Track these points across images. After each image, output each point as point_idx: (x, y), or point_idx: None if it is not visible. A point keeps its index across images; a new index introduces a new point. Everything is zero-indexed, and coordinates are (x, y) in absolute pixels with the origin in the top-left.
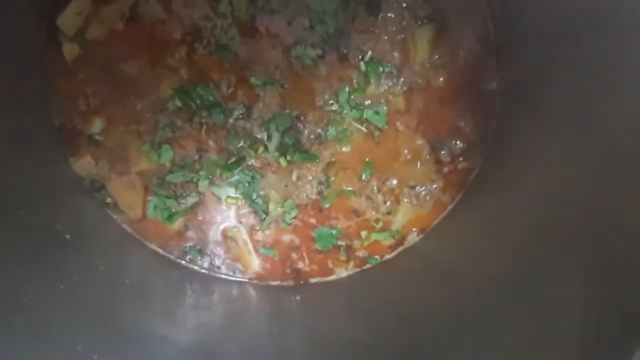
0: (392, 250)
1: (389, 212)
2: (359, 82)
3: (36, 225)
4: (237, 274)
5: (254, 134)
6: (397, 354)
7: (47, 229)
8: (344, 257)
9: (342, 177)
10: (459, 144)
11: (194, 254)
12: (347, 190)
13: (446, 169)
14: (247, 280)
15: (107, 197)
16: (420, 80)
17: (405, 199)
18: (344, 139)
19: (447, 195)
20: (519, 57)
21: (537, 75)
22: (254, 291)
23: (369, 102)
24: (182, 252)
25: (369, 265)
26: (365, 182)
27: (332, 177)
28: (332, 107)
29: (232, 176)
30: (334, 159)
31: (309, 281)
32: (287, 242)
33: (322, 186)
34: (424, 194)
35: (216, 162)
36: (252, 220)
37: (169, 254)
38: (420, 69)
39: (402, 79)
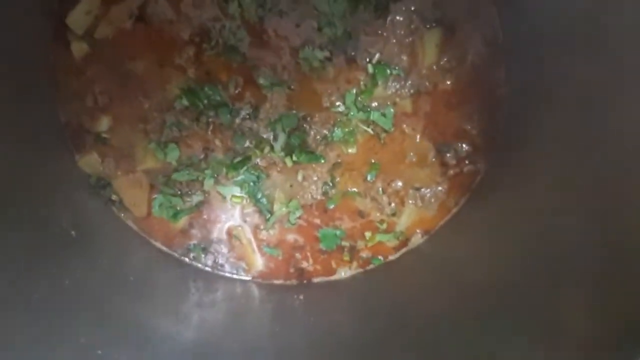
0: (396, 251)
1: (394, 214)
2: (366, 84)
3: (41, 221)
4: (241, 273)
5: (260, 134)
6: (399, 354)
7: (53, 226)
8: (348, 258)
9: (347, 178)
10: (465, 147)
11: (198, 252)
12: (352, 191)
13: (452, 172)
14: (250, 279)
15: (113, 194)
16: (427, 83)
17: (410, 201)
18: (350, 140)
19: (452, 197)
20: (527, 61)
21: (545, 79)
22: (257, 290)
23: (376, 104)
24: (186, 250)
25: (373, 265)
26: (370, 184)
27: (337, 178)
28: (339, 109)
29: (238, 175)
30: (340, 160)
31: (313, 281)
32: (291, 241)
33: (327, 187)
34: (428, 196)
35: (222, 161)
36: (257, 219)
37: (173, 252)
38: (427, 72)
39: (410, 82)
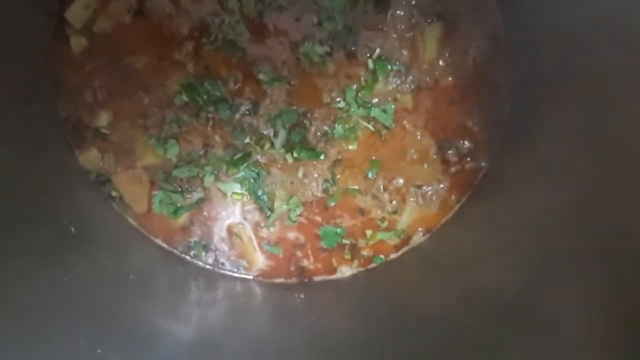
0: (397, 249)
1: (395, 212)
2: (367, 79)
3: (41, 218)
4: (242, 271)
5: (260, 130)
6: (400, 353)
7: (52, 222)
8: (349, 256)
9: (348, 175)
10: (466, 143)
11: (198, 250)
12: (352, 188)
13: (453, 169)
14: (251, 277)
15: (113, 190)
16: (428, 78)
17: (411, 199)
18: (350, 136)
19: (453, 195)
20: (528, 56)
21: (546, 75)
22: (258, 288)
23: (377, 100)
24: (186, 247)
25: (374, 264)
26: (371, 181)
27: (338, 175)
28: (339, 105)
29: (238, 172)
30: (341, 157)
31: (313, 279)
32: (292, 239)
33: (327, 184)
34: (430, 193)
35: (222, 157)
36: (257, 216)
37: (173, 249)
38: (428, 68)
39: (411, 78)
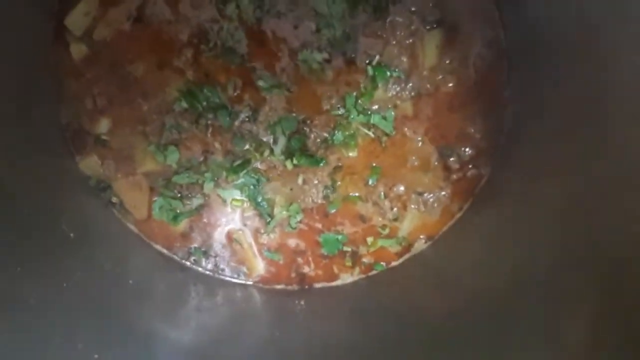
0: (398, 257)
1: (396, 219)
2: (366, 86)
3: (41, 223)
4: (242, 277)
5: (259, 137)
6: None
7: (52, 228)
8: (350, 263)
9: (348, 181)
10: (468, 150)
11: (198, 256)
12: (353, 195)
13: (455, 176)
14: (251, 283)
15: (113, 196)
16: (428, 85)
17: (412, 206)
18: (350, 143)
19: (455, 202)
20: (529, 63)
21: (547, 81)
22: (258, 294)
23: (377, 107)
24: (186, 253)
25: (375, 271)
26: (372, 188)
27: (338, 182)
28: (339, 112)
29: (238, 179)
30: (341, 164)
31: (314, 286)
32: (293, 246)
33: (328, 190)
34: (431, 201)
35: (222, 164)
36: (257, 223)
37: (173, 255)
38: (428, 74)
39: (410, 84)
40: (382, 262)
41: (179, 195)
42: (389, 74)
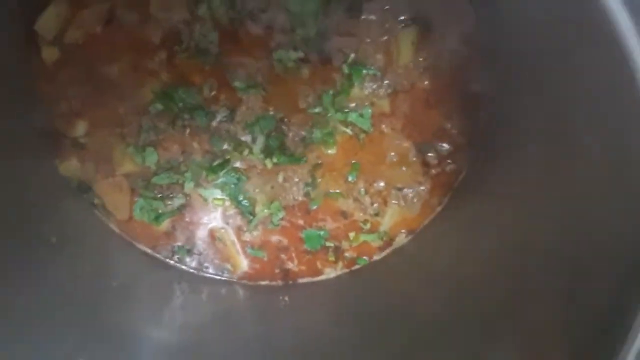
0: (380, 251)
1: (377, 214)
2: (343, 84)
3: (22, 226)
4: (226, 274)
5: (238, 137)
6: (385, 354)
7: (34, 231)
8: (333, 258)
9: (328, 178)
10: (445, 146)
11: (182, 254)
12: (334, 192)
13: (433, 171)
14: (236, 280)
15: (95, 198)
16: (404, 82)
17: (392, 201)
18: (329, 141)
19: (435, 197)
20: (504, 59)
21: (522, 78)
22: (242, 291)
23: (354, 104)
24: (170, 252)
25: (358, 265)
26: (352, 184)
27: (318, 179)
28: (316, 110)
29: (218, 178)
30: (320, 161)
31: (298, 281)
32: (276, 242)
33: (308, 188)
34: (411, 195)
35: (201, 164)
36: (239, 221)
37: (157, 254)
38: (404, 71)
39: (387, 82)
40: (364, 257)
41: (160, 195)
42: (364, 72)
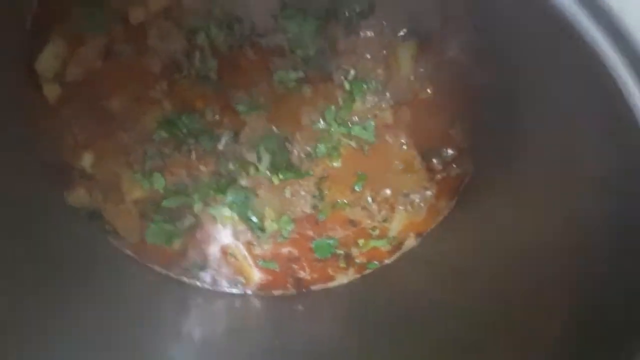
0: (390, 255)
1: (385, 220)
2: (345, 100)
3: (36, 255)
4: (240, 287)
5: (243, 157)
6: (400, 356)
7: (46, 259)
8: (344, 264)
9: (335, 190)
10: (449, 151)
11: (195, 271)
12: (341, 202)
13: (439, 176)
14: (249, 292)
15: (106, 224)
16: (406, 93)
17: (400, 207)
18: (333, 154)
19: (441, 201)
20: (503, 64)
21: (521, 81)
22: (257, 303)
23: (356, 118)
24: (183, 270)
25: (369, 270)
26: (359, 194)
27: (325, 191)
28: (320, 125)
29: (226, 197)
30: (326, 174)
31: (311, 289)
32: (286, 254)
33: (316, 200)
34: (418, 201)
35: (209, 184)
36: (249, 236)
37: (171, 273)
38: (405, 84)
39: (388, 94)
40: (375, 261)
41: (170, 218)
42: (365, 86)
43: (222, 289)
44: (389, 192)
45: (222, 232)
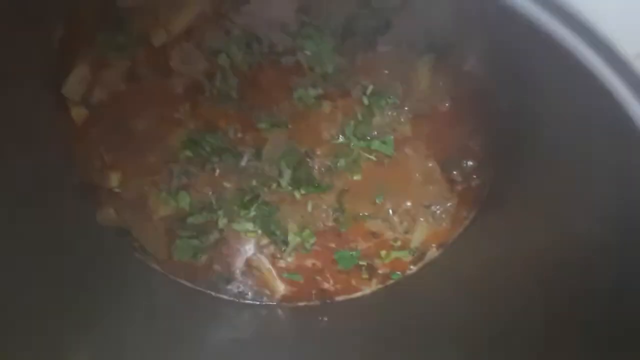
0: (413, 265)
1: (406, 231)
2: (364, 115)
3: (67, 273)
4: (265, 299)
5: (266, 173)
6: None
7: (77, 279)
8: (367, 275)
9: (356, 203)
10: (469, 163)
11: (221, 284)
12: (362, 214)
13: (459, 187)
14: (275, 303)
15: (134, 242)
16: (425, 107)
17: (421, 218)
18: (354, 168)
19: (462, 211)
20: (521, 75)
21: (540, 92)
22: (282, 314)
23: (376, 132)
24: (210, 284)
25: (392, 280)
26: (379, 206)
27: (346, 204)
28: (340, 140)
29: (249, 212)
30: (347, 188)
31: (335, 299)
32: (310, 266)
33: (337, 213)
34: (439, 212)
35: (233, 201)
36: (273, 249)
37: (198, 287)
38: (424, 97)
39: (407, 108)
40: (397, 272)
41: (196, 233)
42: (384, 101)
43: (247, 302)
44: (409, 204)
45: (247, 245)
